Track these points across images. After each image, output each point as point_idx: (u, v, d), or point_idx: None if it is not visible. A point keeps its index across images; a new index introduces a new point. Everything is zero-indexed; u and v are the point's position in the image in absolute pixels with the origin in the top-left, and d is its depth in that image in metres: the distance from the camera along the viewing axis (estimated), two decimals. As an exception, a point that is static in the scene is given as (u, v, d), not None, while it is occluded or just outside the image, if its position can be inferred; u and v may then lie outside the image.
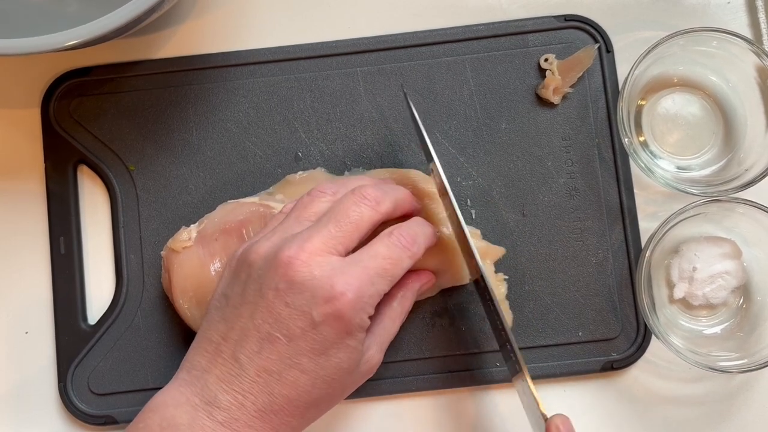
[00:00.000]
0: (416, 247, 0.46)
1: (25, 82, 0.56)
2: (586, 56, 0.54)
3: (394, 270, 0.44)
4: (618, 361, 0.52)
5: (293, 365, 0.42)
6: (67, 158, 0.54)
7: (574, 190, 0.54)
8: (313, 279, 0.42)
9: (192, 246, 0.51)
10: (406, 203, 0.48)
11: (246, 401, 0.42)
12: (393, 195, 0.47)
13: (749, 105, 0.53)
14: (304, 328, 0.42)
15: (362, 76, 0.55)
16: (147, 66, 0.55)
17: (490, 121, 0.54)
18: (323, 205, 0.46)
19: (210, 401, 0.42)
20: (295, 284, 0.42)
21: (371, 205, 0.45)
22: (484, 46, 0.55)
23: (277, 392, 0.42)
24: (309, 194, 0.47)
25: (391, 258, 0.44)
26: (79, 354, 0.53)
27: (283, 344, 0.42)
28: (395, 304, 0.48)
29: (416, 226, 0.47)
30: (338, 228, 0.44)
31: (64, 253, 0.54)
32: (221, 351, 0.43)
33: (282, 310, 0.42)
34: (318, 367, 0.42)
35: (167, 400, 0.43)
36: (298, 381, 0.42)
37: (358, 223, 0.44)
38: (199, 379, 0.43)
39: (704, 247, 0.52)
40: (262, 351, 0.42)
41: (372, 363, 0.46)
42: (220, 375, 0.43)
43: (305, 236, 0.43)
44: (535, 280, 0.53)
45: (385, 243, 0.45)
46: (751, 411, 0.53)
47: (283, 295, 0.42)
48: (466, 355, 0.53)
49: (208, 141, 0.55)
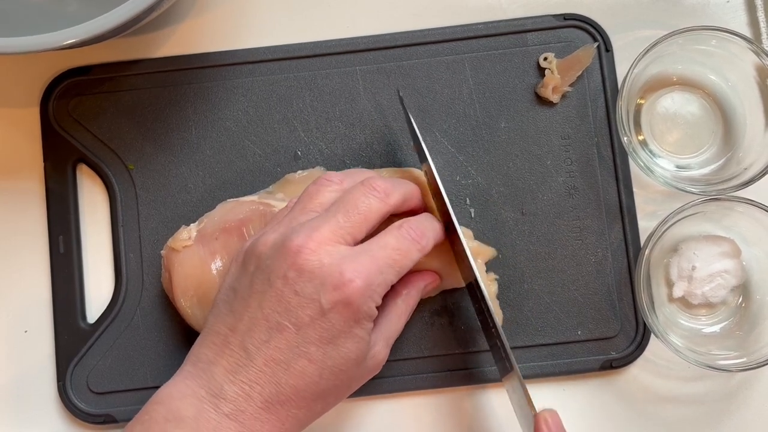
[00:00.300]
0: (425, 241, 0.46)
1: (24, 81, 0.56)
2: (586, 55, 0.54)
3: (402, 261, 0.44)
4: (617, 360, 0.52)
5: (301, 354, 0.42)
6: (66, 157, 0.54)
7: (573, 189, 0.54)
8: (322, 267, 0.42)
9: (192, 245, 0.51)
10: (415, 198, 0.48)
11: (252, 392, 0.42)
12: (402, 188, 0.47)
13: (748, 104, 0.53)
14: (312, 316, 0.42)
15: (361, 75, 0.55)
16: (146, 65, 0.55)
17: (490, 119, 0.54)
18: (330, 195, 0.46)
19: (216, 393, 0.42)
20: (304, 272, 0.42)
21: (380, 197, 0.45)
22: (484, 45, 0.55)
23: (284, 382, 0.42)
24: (315, 183, 0.47)
25: (400, 249, 0.44)
26: (79, 353, 0.53)
27: (292, 333, 0.42)
28: (400, 302, 0.48)
29: (426, 221, 0.47)
30: (347, 218, 0.44)
31: (63, 252, 0.54)
32: (229, 342, 0.43)
33: (291, 298, 0.42)
34: (326, 357, 0.42)
35: (172, 393, 0.43)
36: (305, 371, 0.42)
37: (367, 214, 0.44)
38: (205, 372, 0.43)
39: (703, 246, 0.52)
40: (271, 340, 0.42)
41: (378, 359, 0.46)
42: (227, 366, 0.42)
43: (314, 225, 0.43)
44: (534, 279, 0.53)
45: (395, 235, 0.45)
46: (750, 410, 0.53)
47: (292, 283, 0.42)
48: (465, 354, 0.53)
49: (208, 140, 0.55)
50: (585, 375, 0.53)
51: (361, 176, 0.47)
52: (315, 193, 0.46)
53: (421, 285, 0.49)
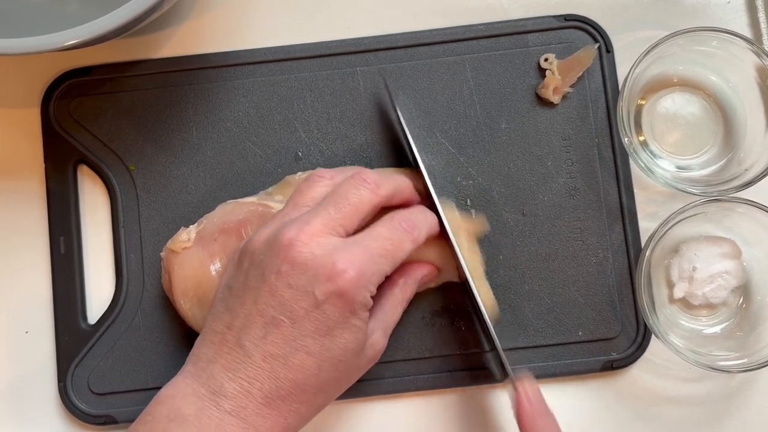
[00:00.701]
0: (417, 232, 0.46)
1: (25, 82, 0.56)
2: (586, 56, 0.54)
3: (395, 251, 0.44)
4: (618, 361, 0.52)
5: (299, 348, 0.42)
6: (67, 158, 0.54)
7: (573, 190, 0.54)
8: (315, 258, 0.42)
9: (191, 246, 0.51)
10: (407, 190, 0.48)
11: (252, 388, 0.42)
12: (393, 180, 0.47)
13: (749, 105, 0.53)
14: (307, 309, 0.42)
15: (362, 75, 0.55)
16: (147, 66, 0.55)
17: (490, 120, 0.54)
18: (322, 190, 0.47)
19: (216, 391, 0.42)
20: (297, 265, 0.42)
21: (371, 188, 0.45)
22: (484, 45, 0.55)
23: (283, 377, 0.42)
24: (307, 180, 0.48)
25: (392, 239, 0.45)
26: (79, 354, 0.53)
27: (288, 327, 0.42)
28: (397, 291, 0.48)
29: (418, 213, 0.48)
30: (337, 210, 0.44)
31: (64, 253, 0.54)
32: (226, 340, 0.43)
33: (285, 292, 0.42)
34: (323, 349, 0.42)
35: (174, 392, 0.43)
36: (304, 364, 0.42)
37: (358, 206, 0.45)
38: (204, 370, 0.43)
39: (704, 247, 0.52)
40: (267, 335, 0.42)
41: (377, 348, 0.46)
42: (226, 364, 0.43)
43: (305, 219, 0.44)
44: (534, 280, 0.53)
45: (387, 225, 0.45)
46: (750, 411, 0.53)
47: (285, 277, 0.42)
48: (466, 355, 0.53)
49: (208, 141, 0.55)
50: (586, 376, 0.53)
51: (352, 171, 0.47)
52: (306, 189, 0.47)
53: (417, 275, 0.49)
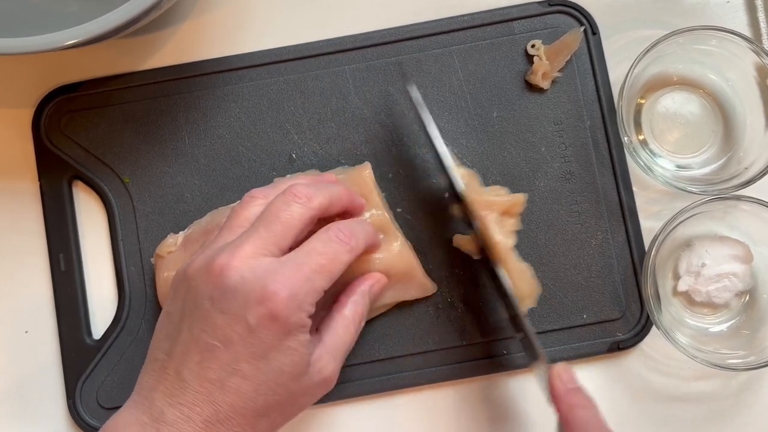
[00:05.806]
0: (355, 242, 0.45)
1: (14, 102, 0.55)
2: (573, 39, 0.54)
3: (331, 265, 0.44)
4: (624, 341, 0.53)
5: (234, 372, 0.42)
6: (61, 175, 0.54)
7: (569, 174, 0.54)
8: (245, 282, 0.42)
9: (176, 250, 0.51)
10: (343, 198, 0.48)
11: (192, 413, 0.41)
12: (326, 191, 0.46)
13: (748, 103, 0.53)
14: (241, 334, 0.41)
15: (351, 74, 0.55)
16: (135, 77, 0.55)
17: (481, 110, 0.54)
18: (255, 210, 0.46)
19: (157, 418, 0.42)
20: (227, 290, 0.42)
21: (302, 202, 0.45)
22: (471, 35, 0.55)
23: (221, 401, 0.42)
24: (240, 202, 0.47)
25: (327, 253, 0.44)
26: (86, 369, 0.53)
27: (222, 351, 0.42)
28: (347, 312, 0.47)
29: (355, 224, 0.47)
30: (268, 229, 0.43)
31: (64, 270, 0.54)
32: (166, 368, 0.43)
33: (217, 318, 0.42)
34: (259, 372, 0.42)
35: (118, 423, 0.43)
36: (240, 388, 0.42)
37: (289, 222, 0.44)
38: (147, 398, 0.43)
39: (717, 246, 0.52)
40: (203, 361, 0.42)
41: (324, 374, 0.44)
42: (166, 390, 0.42)
43: (237, 243, 0.43)
44: (536, 266, 0.53)
45: (322, 239, 0.44)
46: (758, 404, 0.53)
47: (217, 303, 0.42)
48: (473, 345, 0.53)
49: (201, 148, 0.55)
50: (593, 358, 0.53)
51: (285, 185, 0.46)
52: (240, 211, 0.46)
53: (365, 288, 0.48)
